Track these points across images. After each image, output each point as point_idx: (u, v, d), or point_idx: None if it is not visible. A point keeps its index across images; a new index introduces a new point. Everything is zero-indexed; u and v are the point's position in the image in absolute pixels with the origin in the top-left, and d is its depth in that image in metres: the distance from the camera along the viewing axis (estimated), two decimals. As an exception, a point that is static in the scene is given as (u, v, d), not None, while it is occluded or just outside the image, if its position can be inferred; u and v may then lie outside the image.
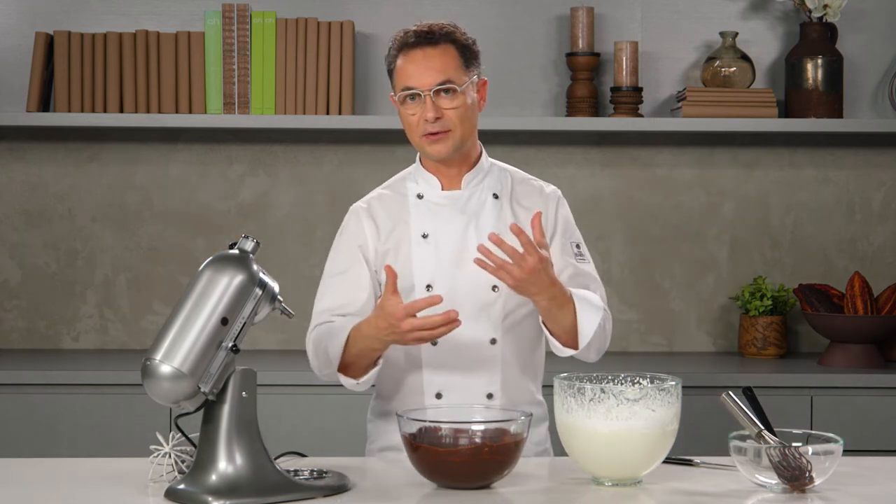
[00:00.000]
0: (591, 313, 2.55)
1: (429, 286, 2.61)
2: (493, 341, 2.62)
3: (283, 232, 4.08)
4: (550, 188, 2.76)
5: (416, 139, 2.62)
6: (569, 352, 2.58)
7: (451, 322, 2.38)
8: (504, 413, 2.32)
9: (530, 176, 2.79)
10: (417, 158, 2.72)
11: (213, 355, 2.14)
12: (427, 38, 2.59)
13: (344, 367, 2.55)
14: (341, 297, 2.64)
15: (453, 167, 2.67)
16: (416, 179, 2.71)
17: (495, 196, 2.69)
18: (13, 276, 4.08)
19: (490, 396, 2.62)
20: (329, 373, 2.59)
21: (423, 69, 2.58)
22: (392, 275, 2.44)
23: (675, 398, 2.25)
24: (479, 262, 2.42)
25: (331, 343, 2.55)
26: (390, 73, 2.65)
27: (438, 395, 2.62)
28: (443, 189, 2.68)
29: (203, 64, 3.90)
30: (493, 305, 2.62)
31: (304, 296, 4.08)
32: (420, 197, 2.68)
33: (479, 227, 2.65)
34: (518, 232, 2.39)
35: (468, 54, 2.62)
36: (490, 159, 2.73)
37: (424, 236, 2.64)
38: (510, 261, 2.40)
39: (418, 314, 2.39)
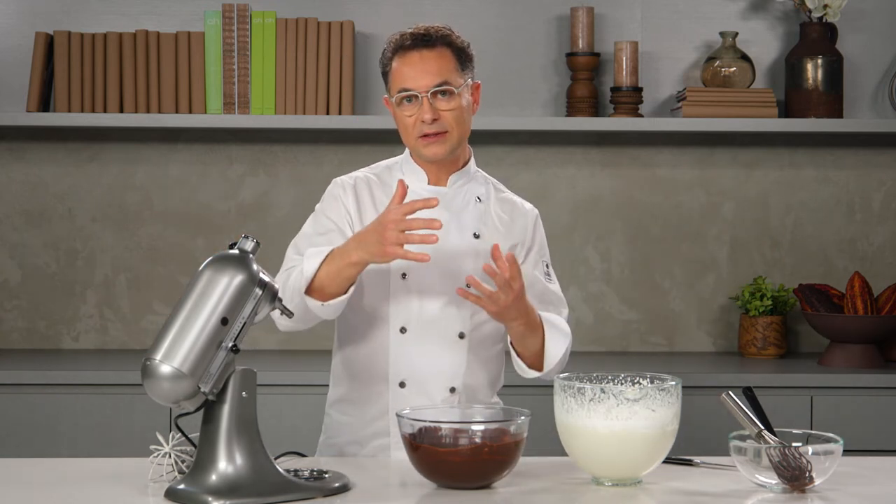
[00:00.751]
0: (559, 340, 2.63)
1: (404, 274, 2.62)
2: (462, 335, 2.65)
3: (283, 232, 4.07)
4: (528, 205, 2.80)
5: (412, 141, 2.63)
6: (533, 374, 2.65)
7: (433, 227, 2.40)
8: (504, 413, 2.32)
9: (509, 190, 2.82)
10: (407, 151, 2.73)
11: (213, 355, 2.14)
12: (424, 40, 2.60)
13: (311, 291, 2.52)
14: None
15: (443, 165, 2.68)
16: (404, 170, 2.72)
17: (478, 199, 2.71)
18: (13, 276, 4.08)
19: (452, 391, 2.64)
20: (294, 307, 2.50)
21: (419, 71, 2.58)
22: (402, 188, 2.46)
23: (675, 398, 2.25)
24: (463, 292, 2.44)
25: (306, 263, 2.51)
26: (385, 75, 2.66)
27: (402, 385, 2.63)
28: (429, 183, 2.69)
29: (203, 64, 3.90)
30: (465, 300, 2.63)
31: (304, 296, 4.09)
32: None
33: (460, 225, 2.67)
34: (512, 260, 2.44)
35: (463, 57, 2.63)
36: (475, 167, 2.75)
37: None
38: (495, 290, 2.45)
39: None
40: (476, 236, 2.67)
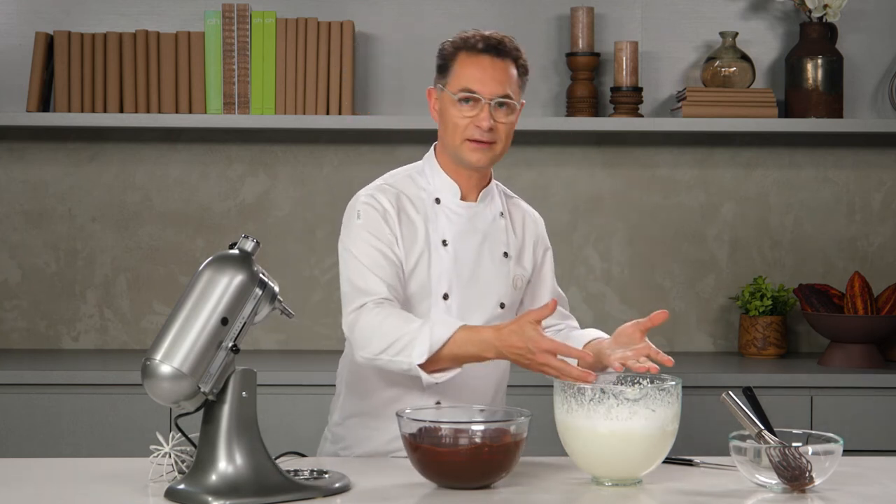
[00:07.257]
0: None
1: (446, 295, 2.59)
2: None
3: (283, 232, 4.08)
4: (533, 211, 2.80)
5: (457, 141, 2.58)
6: None
7: (584, 380, 2.30)
8: (504, 413, 2.32)
9: (513, 194, 2.80)
10: (433, 158, 2.67)
11: (213, 355, 2.14)
12: (497, 48, 2.58)
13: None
14: (392, 276, 2.54)
15: (473, 178, 2.65)
16: (432, 181, 2.66)
17: (501, 214, 2.71)
18: (13, 276, 4.08)
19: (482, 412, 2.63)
20: (388, 359, 2.45)
21: (489, 77, 2.56)
22: (553, 304, 2.38)
23: (675, 398, 2.25)
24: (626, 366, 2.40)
25: (433, 331, 2.41)
26: (443, 68, 2.61)
27: (438, 403, 2.59)
28: (461, 198, 2.65)
29: (203, 64, 3.90)
30: (498, 321, 2.61)
31: (304, 296, 4.09)
32: (438, 202, 2.64)
33: (491, 246, 2.66)
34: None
35: (523, 76, 2.63)
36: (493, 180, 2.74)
37: (444, 243, 2.61)
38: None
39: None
40: (506, 255, 2.67)
